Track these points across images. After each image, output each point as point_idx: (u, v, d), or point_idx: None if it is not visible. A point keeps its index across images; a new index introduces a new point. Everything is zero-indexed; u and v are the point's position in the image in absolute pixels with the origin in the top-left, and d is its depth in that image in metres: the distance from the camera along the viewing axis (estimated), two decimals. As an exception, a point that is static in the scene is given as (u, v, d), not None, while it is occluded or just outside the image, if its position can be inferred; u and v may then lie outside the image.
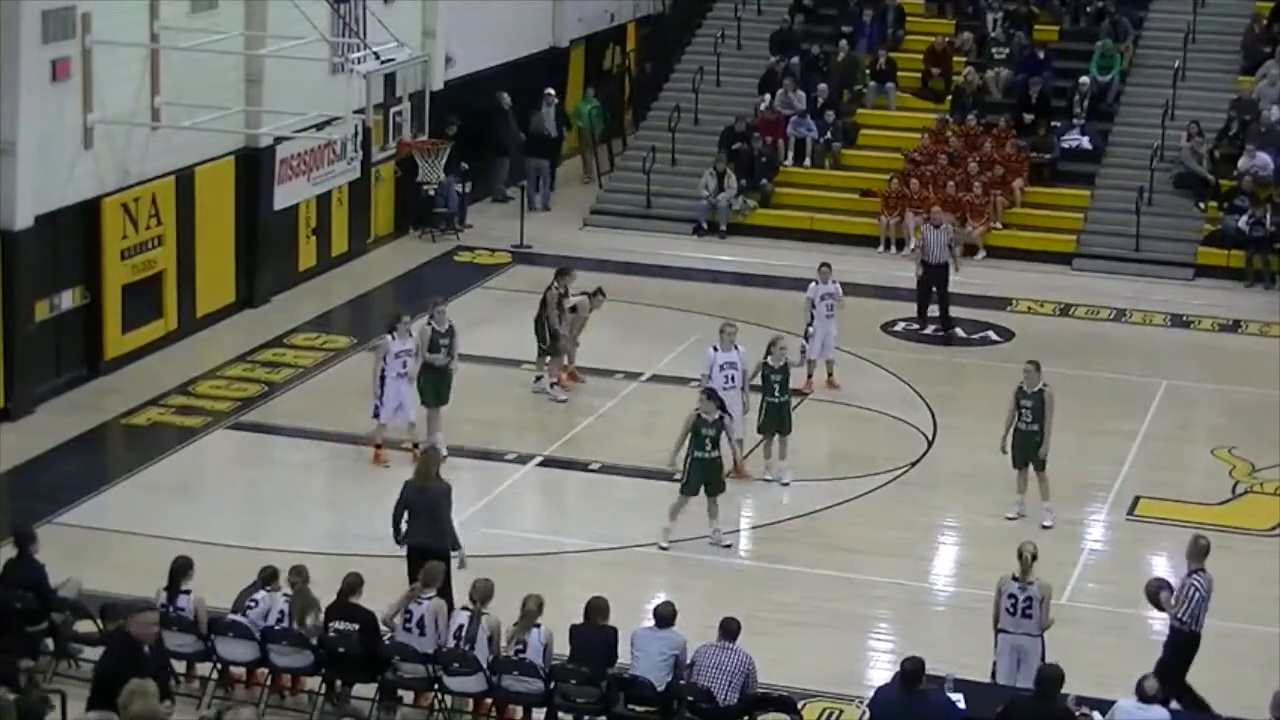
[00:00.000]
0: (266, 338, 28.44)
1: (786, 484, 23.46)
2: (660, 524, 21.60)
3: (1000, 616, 17.58)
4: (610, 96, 39.77)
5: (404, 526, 19.20)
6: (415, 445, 23.61)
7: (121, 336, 26.90)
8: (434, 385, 23.80)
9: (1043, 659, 17.33)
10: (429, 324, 23.89)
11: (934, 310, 29.69)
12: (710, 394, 21.99)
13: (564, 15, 39.53)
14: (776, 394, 23.60)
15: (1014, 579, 17.54)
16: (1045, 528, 21.94)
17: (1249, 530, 22.73)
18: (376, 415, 23.57)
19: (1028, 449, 22.25)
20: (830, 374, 26.68)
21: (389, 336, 23.65)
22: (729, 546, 21.55)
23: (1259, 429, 25.90)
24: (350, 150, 32.19)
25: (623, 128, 39.83)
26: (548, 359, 26.26)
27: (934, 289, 29.82)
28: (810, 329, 26.30)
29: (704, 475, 21.46)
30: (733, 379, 23.26)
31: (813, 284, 26.51)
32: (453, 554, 18.87)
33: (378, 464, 23.53)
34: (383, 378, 23.43)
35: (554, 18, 39.31)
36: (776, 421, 23.62)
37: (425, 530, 19.02)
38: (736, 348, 23.51)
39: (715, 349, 23.52)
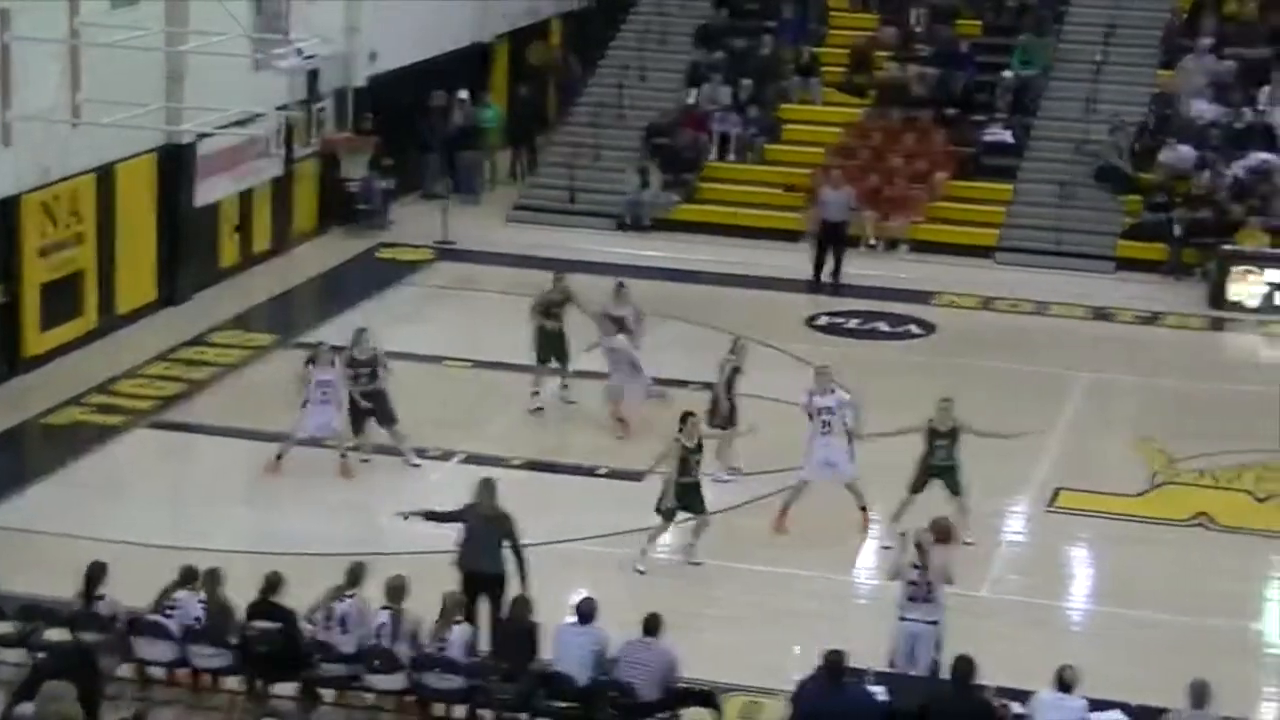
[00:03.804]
0: (188, 336, 28.29)
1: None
2: (639, 547, 21.31)
3: (901, 603, 17.70)
4: (526, 99, 39.54)
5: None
6: (343, 454, 23.57)
7: (41, 334, 26.72)
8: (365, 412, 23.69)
9: (938, 647, 17.46)
10: (351, 351, 23.67)
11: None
12: (690, 417, 21.48)
13: (488, 11, 39.46)
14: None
15: (913, 565, 17.64)
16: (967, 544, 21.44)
17: (1167, 521, 22.90)
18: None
19: (943, 482, 21.75)
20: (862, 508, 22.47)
21: (310, 366, 23.48)
22: (699, 564, 21.22)
23: (1178, 421, 26.16)
24: (273, 147, 32.05)
25: (547, 124, 39.80)
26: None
27: (830, 247, 31.96)
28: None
29: (684, 499, 21.13)
30: (829, 425, 21.93)
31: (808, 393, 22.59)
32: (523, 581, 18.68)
33: (268, 472, 23.43)
34: (306, 403, 23.32)
35: (478, 14, 39.23)
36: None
37: (485, 556, 18.77)
38: (834, 390, 22.15)
39: (812, 393, 22.04)
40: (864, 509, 22.23)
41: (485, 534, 18.75)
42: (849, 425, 22.02)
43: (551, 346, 25.64)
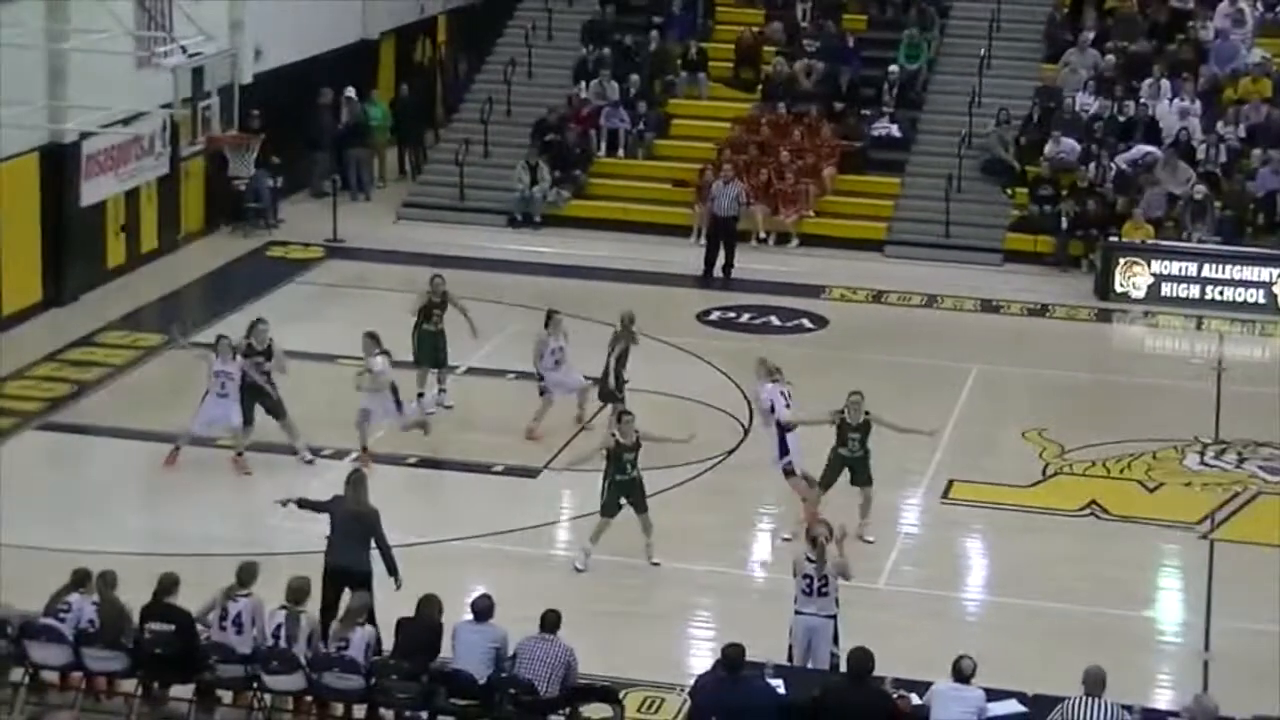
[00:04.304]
0: (76, 336, 28.04)
1: None
2: (580, 545, 21.26)
3: (797, 597, 17.76)
4: (411, 97, 39.25)
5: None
6: (239, 453, 23.45)
7: (-75, 337, 26.47)
8: (255, 402, 23.58)
9: (835, 641, 17.54)
10: (247, 340, 23.60)
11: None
12: (625, 415, 21.35)
13: (374, 7, 39.28)
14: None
15: (809, 559, 17.69)
16: (869, 541, 21.66)
17: (1060, 511, 23.12)
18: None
19: (851, 472, 21.91)
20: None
21: (213, 355, 23.40)
22: (658, 564, 21.13)
23: (1068, 411, 26.42)
24: (158, 145, 31.78)
25: (434, 121, 39.65)
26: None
27: (722, 242, 32.12)
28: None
29: (624, 495, 21.01)
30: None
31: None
32: (393, 578, 18.52)
33: (166, 465, 23.32)
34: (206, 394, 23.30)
35: (363, 10, 39.05)
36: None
37: (349, 552, 18.62)
38: (769, 381, 22.71)
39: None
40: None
41: (350, 529, 18.70)
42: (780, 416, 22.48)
43: (431, 349, 25.43)
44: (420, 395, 25.41)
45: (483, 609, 17.07)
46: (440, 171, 36.51)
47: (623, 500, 21.02)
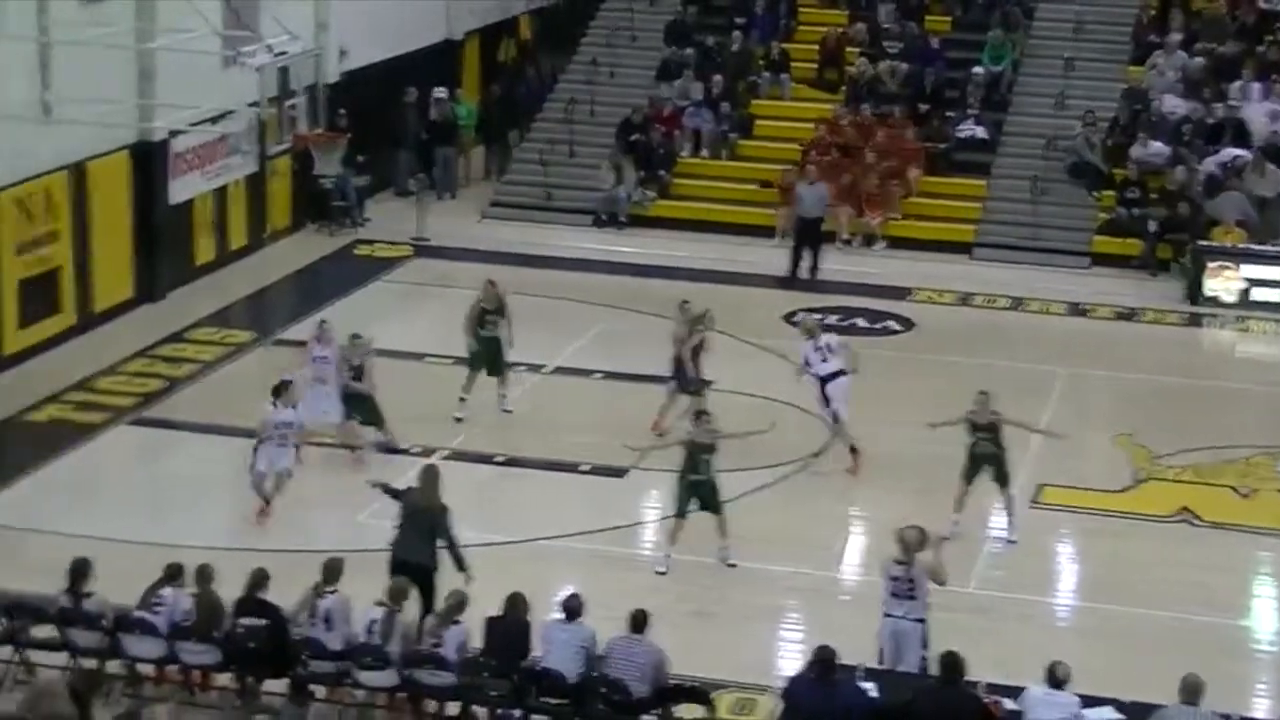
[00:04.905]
0: (166, 333, 28.25)
1: None
2: (661, 550, 21.28)
3: (885, 600, 17.67)
4: (500, 96, 39.26)
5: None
6: (352, 448, 23.63)
7: (19, 331, 26.61)
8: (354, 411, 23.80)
9: (924, 644, 17.44)
10: (344, 352, 23.73)
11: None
12: (703, 415, 21.41)
13: (457, 7, 39.37)
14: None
15: (896, 561, 17.61)
16: (1011, 542, 21.92)
17: (1151, 516, 22.95)
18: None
19: (990, 468, 21.99)
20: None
21: (315, 341, 23.70)
22: (734, 565, 21.08)
23: (1157, 416, 26.19)
24: (245, 144, 31.94)
25: (519, 121, 39.66)
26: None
27: (807, 243, 32.09)
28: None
29: (695, 495, 20.97)
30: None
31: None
32: (462, 573, 18.52)
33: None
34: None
35: (447, 10, 39.14)
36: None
37: (414, 546, 18.72)
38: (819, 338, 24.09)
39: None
40: (854, 450, 23.61)
41: (415, 523, 18.83)
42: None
43: (485, 354, 25.29)
44: (462, 399, 25.26)
45: (573, 608, 17.09)
46: (525, 171, 36.54)
47: (694, 501, 20.97)
